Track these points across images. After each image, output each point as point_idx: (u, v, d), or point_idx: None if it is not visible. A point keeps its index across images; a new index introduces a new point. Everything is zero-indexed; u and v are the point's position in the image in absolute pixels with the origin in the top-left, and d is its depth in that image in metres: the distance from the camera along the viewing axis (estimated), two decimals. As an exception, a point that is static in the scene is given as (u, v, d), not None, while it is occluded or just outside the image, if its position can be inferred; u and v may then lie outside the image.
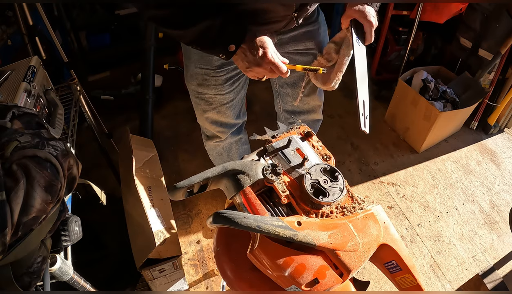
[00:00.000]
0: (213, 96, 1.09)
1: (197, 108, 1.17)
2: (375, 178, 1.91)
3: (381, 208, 0.63)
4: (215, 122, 1.19)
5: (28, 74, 0.98)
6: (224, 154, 1.36)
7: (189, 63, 1.05)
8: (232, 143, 1.33)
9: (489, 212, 1.75)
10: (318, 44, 1.07)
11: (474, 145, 2.13)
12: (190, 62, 1.04)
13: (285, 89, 1.23)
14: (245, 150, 1.42)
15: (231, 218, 0.53)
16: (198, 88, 1.08)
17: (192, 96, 1.14)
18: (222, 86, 1.06)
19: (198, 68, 1.03)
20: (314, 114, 1.32)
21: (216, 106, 1.12)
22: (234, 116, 1.20)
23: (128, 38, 2.54)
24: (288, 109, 1.30)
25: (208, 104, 1.12)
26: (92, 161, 1.74)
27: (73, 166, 0.65)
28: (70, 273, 0.81)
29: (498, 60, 1.89)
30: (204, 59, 1.00)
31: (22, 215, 0.52)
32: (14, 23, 1.58)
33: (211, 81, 1.05)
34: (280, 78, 1.21)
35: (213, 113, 1.15)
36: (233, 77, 1.07)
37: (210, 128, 1.23)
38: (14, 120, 0.61)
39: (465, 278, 1.48)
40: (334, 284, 0.55)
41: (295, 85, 1.19)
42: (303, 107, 1.27)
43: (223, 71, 1.03)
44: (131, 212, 1.22)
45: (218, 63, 1.01)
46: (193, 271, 1.49)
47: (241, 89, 1.14)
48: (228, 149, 1.35)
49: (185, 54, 1.07)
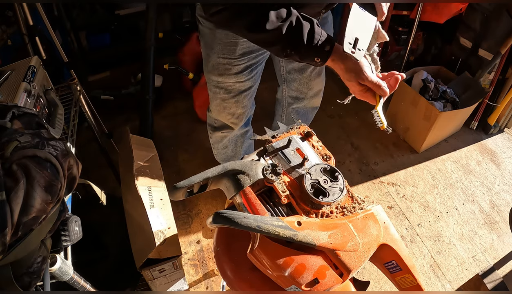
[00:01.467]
0: (232, 84, 1.13)
1: (215, 97, 1.20)
2: (375, 178, 1.91)
3: (381, 208, 0.63)
4: (231, 112, 1.24)
5: (28, 74, 0.97)
6: (230, 147, 1.40)
7: (211, 53, 1.07)
8: (239, 136, 1.37)
9: (489, 212, 1.75)
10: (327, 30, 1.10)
11: (474, 145, 2.13)
12: (213, 52, 1.06)
13: (293, 75, 1.28)
14: (250, 144, 1.46)
15: (231, 218, 0.53)
16: (219, 77, 1.12)
17: (212, 86, 1.17)
18: (242, 74, 1.10)
19: (221, 58, 1.06)
20: (316, 98, 1.37)
21: (235, 95, 1.17)
22: (250, 105, 1.25)
23: (128, 38, 2.54)
24: (292, 95, 1.35)
25: (228, 93, 1.16)
26: (92, 161, 1.74)
27: (73, 166, 0.65)
28: (70, 273, 0.81)
29: (498, 60, 1.89)
30: (227, 48, 1.03)
31: (22, 215, 0.52)
32: (14, 23, 1.58)
33: (233, 70, 1.08)
34: (288, 64, 1.26)
35: (232, 102, 1.19)
36: (253, 65, 1.10)
37: (224, 119, 1.28)
38: (14, 120, 0.61)
39: (465, 278, 1.48)
40: (334, 284, 0.55)
41: (302, 70, 1.24)
42: (307, 92, 1.31)
43: (245, 59, 1.06)
44: (131, 212, 1.21)
45: (241, 52, 1.04)
46: (193, 271, 1.49)
47: (258, 77, 1.18)
48: (234, 142, 1.38)
49: (206, 45, 1.08)
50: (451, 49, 2.19)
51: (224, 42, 1.02)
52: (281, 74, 1.31)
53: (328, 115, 2.28)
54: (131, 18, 2.46)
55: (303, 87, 1.31)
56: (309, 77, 1.27)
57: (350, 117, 2.30)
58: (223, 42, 1.02)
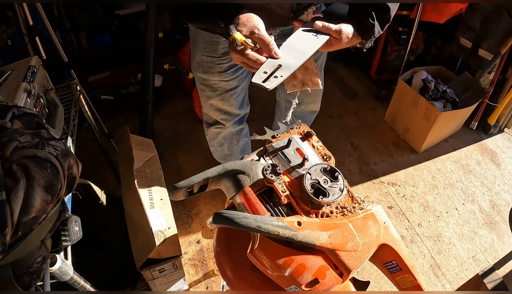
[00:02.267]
0: (217, 82, 1.13)
1: (202, 94, 1.21)
2: (375, 178, 1.91)
3: (381, 208, 0.63)
4: (219, 109, 1.23)
5: (28, 74, 0.98)
6: (225, 144, 1.39)
7: (196, 50, 1.09)
8: (233, 133, 1.36)
9: (489, 212, 1.75)
10: None
11: (474, 145, 2.13)
12: (197, 50, 1.08)
13: None
14: (246, 143, 1.45)
15: (231, 218, 0.53)
16: (204, 75, 1.12)
17: (198, 83, 1.18)
18: (226, 73, 1.09)
19: (204, 56, 1.07)
20: (313, 104, 1.35)
21: (221, 93, 1.16)
22: (237, 105, 1.23)
23: (128, 38, 2.54)
24: (289, 99, 1.33)
25: (213, 91, 1.16)
26: (92, 161, 1.74)
27: (73, 166, 0.65)
28: (70, 273, 0.81)
29: (498, 60, 1.89)
30: (209, 47, 1.04)
31: (22, 215, 0.52)
32: (14, 23, 1.58)
33: (216, 69, 1.08)
34: None
35: (217, 100, 1.19)
36: (237, 65, 1.09)
37: (214, 115, 1.28)
38: (14, 120, 0.61)
39: (465, 278, 1.48)
40: (334, 284, 0.55)
41: None
42: (304, 98, 1.30)
43: (228, 59, 1.06)
44: (131, 212, 1.21)
45: (223, 51, 1.04)
46: (193, 271, 1.49)
47: (244, 77, 1.17)
48: (229, 140, 1.37)
49: (192, 42, 1.10)
50: (451, 49, 2.19)
51: (206, 40, 1.03)
52: None
53: (328, 115, 2.28)
54: (131, 18, 2.46)
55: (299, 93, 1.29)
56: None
57: (350, 117, 2.30)
58: (206, 40, 1.03)
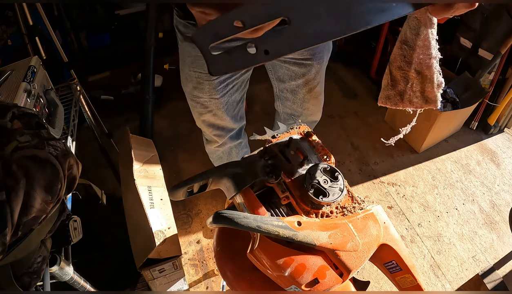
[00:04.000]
0: (208, 99, 1.08)
1: (193, 111, 1.16)
2: (375, 178, 1.91)
3: (381, 208, 0.63)
4: (212, 125, 1.18)
5: (28, 74, 0.98)
6: (224, 158, 1.36)
7: (184, 66, 1.04)
8: (232, 147, 1.32)
9: (489, 212, 1.75)
10: (313, 55, 1.06)
11: (474, 145, 2.13)
12: (185, 65, 1.04)
13: (285, 94, 1.23)
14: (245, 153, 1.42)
15: (231, 218, 0.53)
16: (193, 91, 1.07)
17: (188, 99, 1.13)
18: (216, 90, 1.04)
19: (192, 71, 1.02)
20: (313, 116, 1.32)
21: (212, 110, 1.11)
22: (231, 120, 1.18)
23: (128, 38, 2.54)
24: (287, 112, 1.30)
25: (204, 107, 1.11)
26: (92, 161, 1.74)
27: (73, 166, 0.65)
28: (70, 273, 0.81)
29: (498, 60, 1.89)
30: (197, 62, 1.00)
31: (22, 215, 0.52)
32: (14, 23, 1.59)
33: (205, 85, 1.04)
34: (280, 83, 1.21)
35: (209, 116, 1.14)
36: (226, 80, 1.05)
37: (207, 132, 1.23)
38: (14, 120, 0.61)
39: (465, 278, 1.48)
40: (334, 284, 0.55)
41: (295, 91, 1.19)
42: (302, 112, 1.28)
43: None
44: (131, 212, 1.22)
45: None
46: (193, 271, 1.49)
47: (235, 91, 1.11)
48: (228, 153, 1.34)
49: (180, 57, 1.06)
50: (451, 49, 2.18)
51: (193, 55, 0.99)
52: (275, 91, 1.26)
53: (328, 115, 2.28)
54: (131, 18, 2.47)
55: (298, 107, 1.25)
56: (303, 99, 1.21)
57: (350, 117, 2.30)
58: (192, 55, 0.99)
